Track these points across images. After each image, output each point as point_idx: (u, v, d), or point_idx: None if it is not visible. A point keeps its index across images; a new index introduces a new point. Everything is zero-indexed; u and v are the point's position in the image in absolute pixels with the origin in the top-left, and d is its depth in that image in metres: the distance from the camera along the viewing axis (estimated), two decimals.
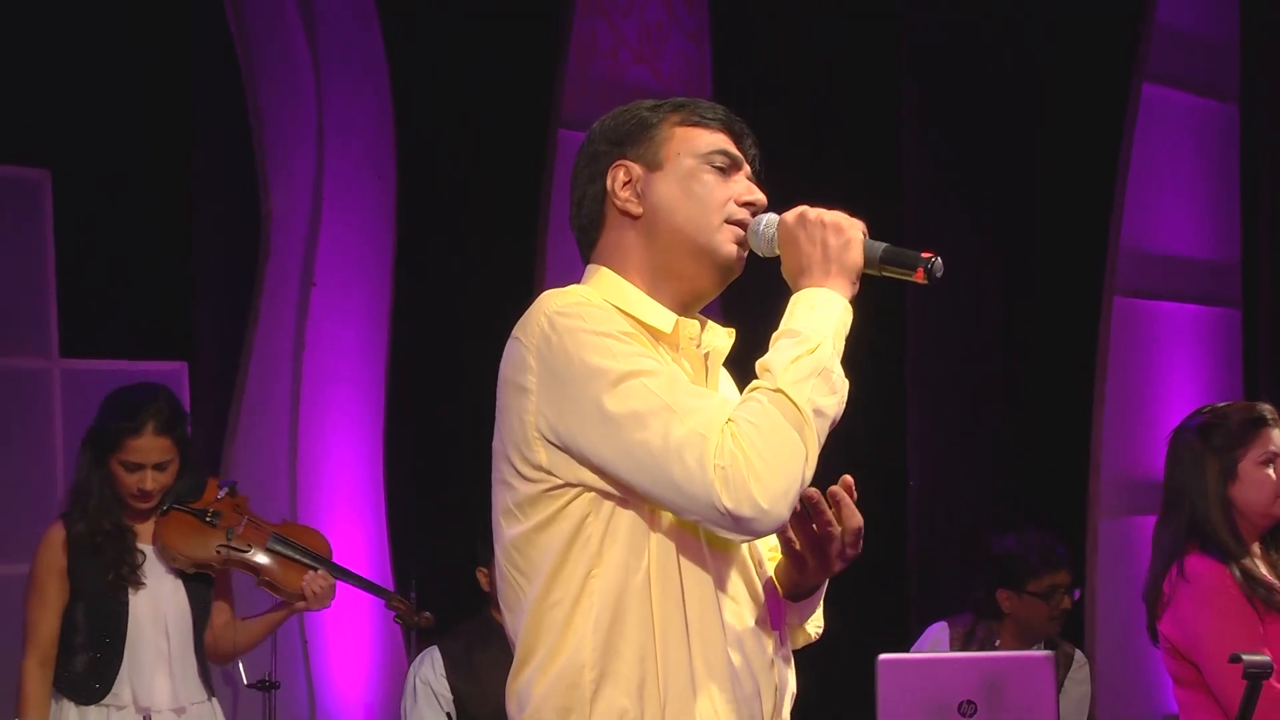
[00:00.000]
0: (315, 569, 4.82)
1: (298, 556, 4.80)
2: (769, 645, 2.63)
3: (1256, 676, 3.37)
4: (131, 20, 6.01)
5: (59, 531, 4.73)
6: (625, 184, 2.66)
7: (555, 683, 2.53)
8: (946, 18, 7.38)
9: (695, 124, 2.68)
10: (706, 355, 2.70)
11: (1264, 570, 3.96)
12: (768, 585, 2.67)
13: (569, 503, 2.53)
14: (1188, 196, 7.54)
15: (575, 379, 2.49)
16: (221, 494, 4.84)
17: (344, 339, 6.35)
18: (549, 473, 2.53)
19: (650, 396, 2.46)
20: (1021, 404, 7.42)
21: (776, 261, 2.68)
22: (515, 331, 2.59)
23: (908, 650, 5.66)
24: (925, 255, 2.58)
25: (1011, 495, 7.30)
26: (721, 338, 2.73)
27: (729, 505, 2.41)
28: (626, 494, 2.52)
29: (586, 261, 2.73)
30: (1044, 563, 5.56)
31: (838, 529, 2.59)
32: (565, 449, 2.51)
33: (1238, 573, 3.89)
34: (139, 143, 6.02)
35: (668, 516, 2.53)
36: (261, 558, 4.77)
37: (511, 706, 2.61)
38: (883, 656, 4.14)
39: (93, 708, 4.68)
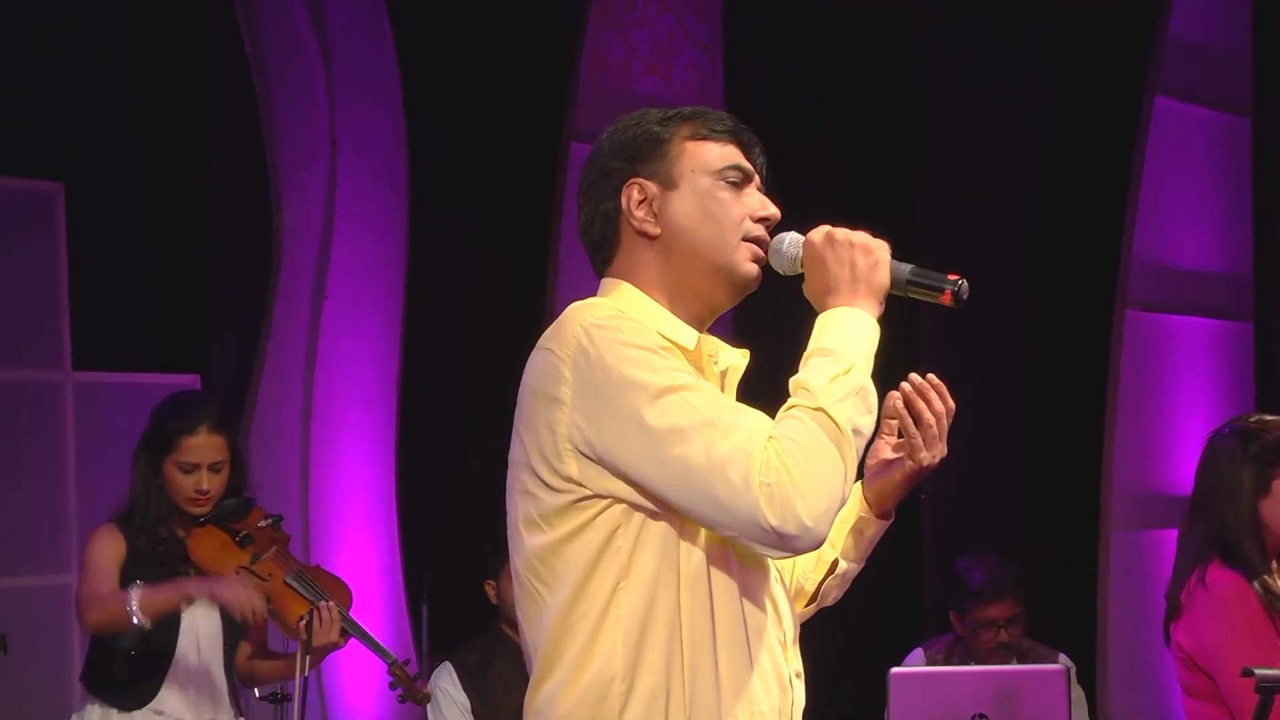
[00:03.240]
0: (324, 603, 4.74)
1: (308, 595, 4.72)
2: (788, 661, 2.63)
3: (1269, 690, 3.35)
4: (145, 34, 6.03)
5: (113, 529, 4.69)
6: (641, 203, 2.65)
7: (583, 696, 2.51)
8: (959, 31, 7.38)
9: (705, 137, 2.67)
10: (724, 373, 2.68)
11: None
12: (783, 599, 2.67)
13: (598, 514, 2.51)
14: (1200, 210, 7.53)
15: (615, 392, 2.47)
16: (264, 523, 4.82)
17: (356, 351, 6.36)
18: (579, 484, 2.51)
19: (691, 411, 2.45)
20: (1034, 417, 7.41)
21: (788, 281, 2.69)
22: (545, 342, 2.56)
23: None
24: (952, 278, 2.60)
25: (1024, 508, 7.29)
26: (736, 357, 2.71)
27: (774, 523, 2.41)
28: (660, 507, 2.50)
29: (600, 275, 2.71)
30: (984, 592, 5.48)
31: (936, 413, 2.69)
32: (599, 461, 2.49)
33: (1259, 587, 3.85)
34: (152, 155, 6.03)
35: (697, 529, 2.51)
36: (275, 589, 4.73)
37: (533, 710, 2.57)
38: (895, 670, 4.14)
39: (117, 712, 4.67)
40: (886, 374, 2.76)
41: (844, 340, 2.54)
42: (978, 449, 7.24)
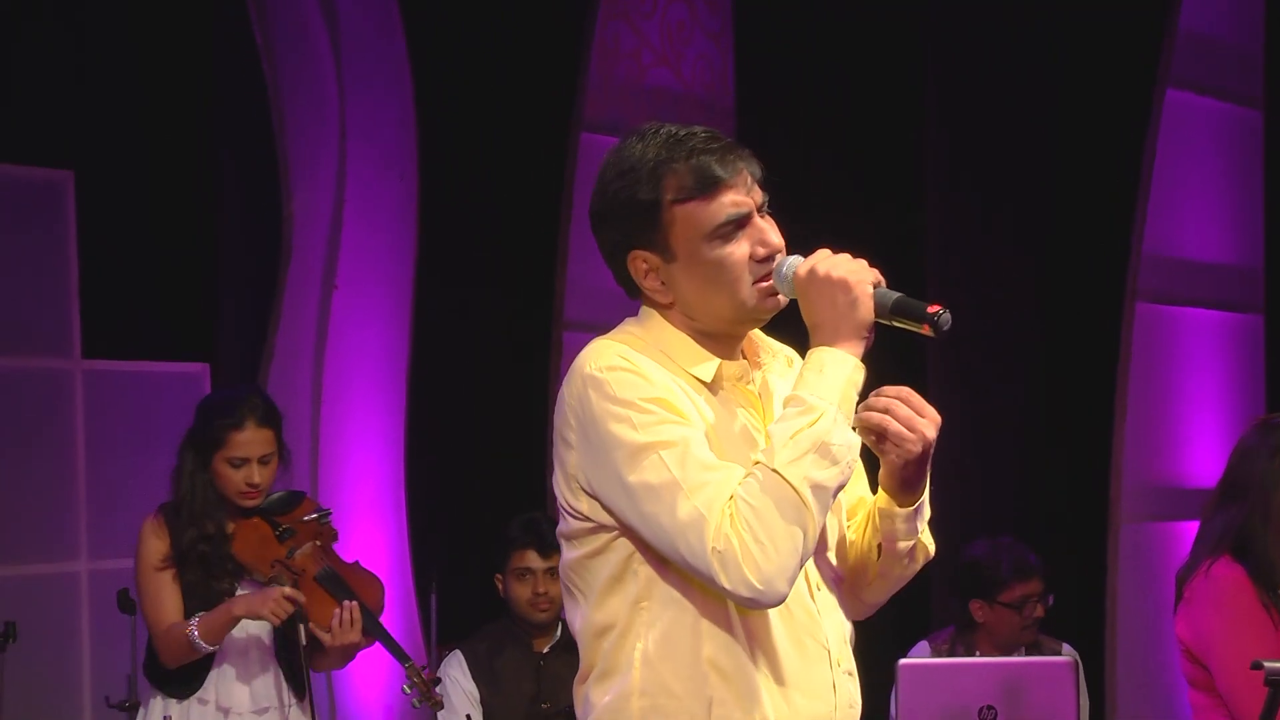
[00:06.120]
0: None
1: (338, 595, 4.75)
2: (829, 667, 2.68)
3: (1278, 684, 3.33)
4: (155, 22, 6.02)
5: (157, 524, 4.74)
6: (647, 273, 2.68)
7: (608, 704, 2.64)
8: (969, 23, 7.36)
9: (691, 197, 2.63)
10: (763, 384, 2.74)
11: None
12: (826, 603, 2.72)
13: (613, 540, 2.63)
14: (1211, 202, 7.52)
15: (602, 446, 2.58)
16: (310, 516, 4.85)
17: (365, 340, 6.36)
18: (589, 518, 2.64)
19: (662, 470, 2.54)
20: (1043, 409, 7.41)
21: None
22: (565, 383, 2.65)
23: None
24: (931, 310, 2.60)
25: (1033, 500, 7.29)
26: (781, 364, 2.77)
27: (727, 586, 2.51)
28: None
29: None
30: (1014, 573, 5.54)
31: (912, 434, 2.67)
32: (600, 503, 2.61)
33: (1265, 587, 3.80)
34: (162, 144, 6.03)
35: None
36: (305, 584, 4.76)
37: (578, 706, 2.71)
38: (903, 661, 4.14)
39: (178, 702, 4.74)
40: (896, 365, 2.77)
41: (818, 386, 2.57)
42: (987, 441, 7.24)
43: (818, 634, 2.67)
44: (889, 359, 2.89)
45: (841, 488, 2.58)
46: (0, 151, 5.70)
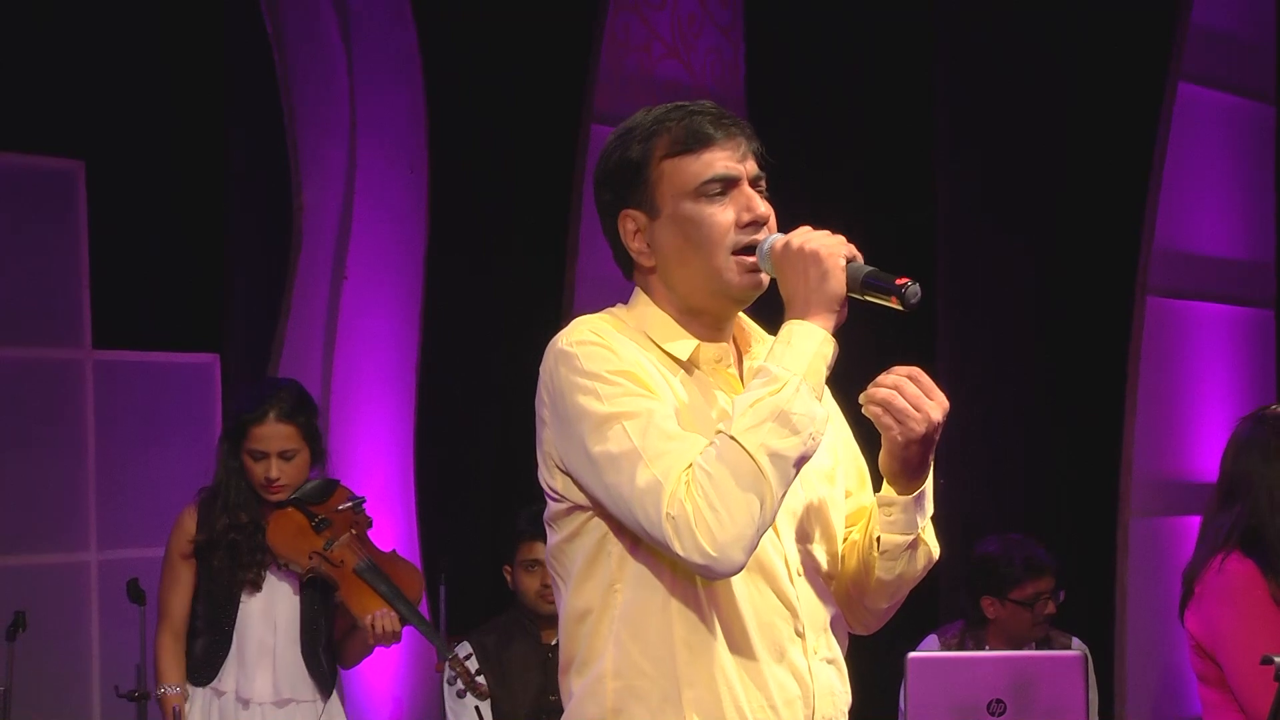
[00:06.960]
0: (388, 607, 4.79)
1: (377, 587, 4.79)
2: (803, 654, 2.68)
3: None
4: (167, 12, 6.03)
5: (191, 512, 4.82)
6: (635, 234, 2.71)
7: (585, 691, 2.65)
8: (981, 16, 7.35)
9: (682, 152, 2.67)
10: (745, 370, 2.73)
11: None
12: (806, 590, 2.71)
13: (587, 521, 2.64)
14: (1222, 196, 7.51)
15: (569, 419, 2.60)
16: (345, 505, 4.87)
17: (375, 332, 6.36)
18: (564, 496, 2.66)
19: (624, 440, 2.55)
20: (1053, 403, 7.40)
21: None
22: (542, 362, 2.68)
23: None
24: (900, 282, 2.59)
25: (1043, 494, 7.28)
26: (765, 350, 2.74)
27: (680, 553, 2.51)
28: None
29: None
30: (1026, 570, 5.56)
31: (917, 414, 2.64)
32: (572, 478, 2.63)
33: (1275, 579, 3.80)
34: (173, 134, 6.04)
35: None
36: (344, 576, 4.79)
37: (564, 698, 2.72)
38: (912, 655, 4.13)
39: (199, 689, 4.79)
40: (906, 358, 2.76)
41: (784, 357, 2.57)
42: (997, 436, 7.23)
43: (793, 619, 2.67)
44: (899, 350, 2.89)
45: (804, 459, 2.55)
46: (11, 141, 5.71)
